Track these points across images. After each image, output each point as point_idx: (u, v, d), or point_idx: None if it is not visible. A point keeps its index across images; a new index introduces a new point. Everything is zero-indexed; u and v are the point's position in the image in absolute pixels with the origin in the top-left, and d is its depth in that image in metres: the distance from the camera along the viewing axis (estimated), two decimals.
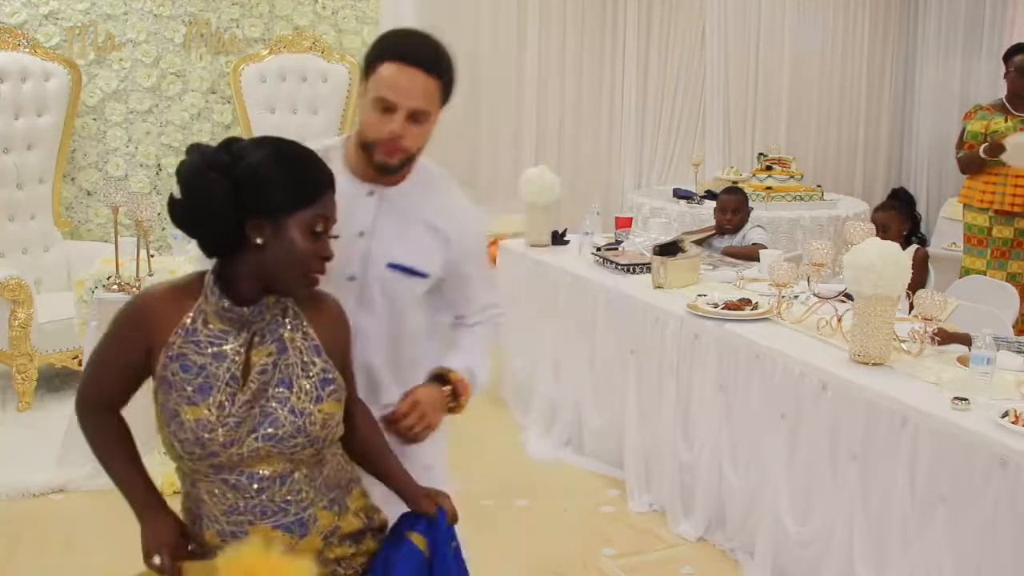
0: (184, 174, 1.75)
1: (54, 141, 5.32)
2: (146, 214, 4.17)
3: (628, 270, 4.37)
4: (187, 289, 1.80)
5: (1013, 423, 2.65)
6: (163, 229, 5.76)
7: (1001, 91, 5.52)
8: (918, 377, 3.07)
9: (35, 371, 4.79)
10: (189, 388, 1.73)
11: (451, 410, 2.11)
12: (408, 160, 2.06)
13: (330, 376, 1.81)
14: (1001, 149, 5.05)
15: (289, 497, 1.77)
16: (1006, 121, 5.16)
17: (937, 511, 2.74)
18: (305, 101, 5.81)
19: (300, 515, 1.78)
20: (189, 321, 1.77)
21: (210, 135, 5.80)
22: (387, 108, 1.99)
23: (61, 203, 5.50)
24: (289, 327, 1.81)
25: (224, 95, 5.84)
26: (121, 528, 3.71)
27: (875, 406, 2.96)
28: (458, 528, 2.02)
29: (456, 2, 6.77)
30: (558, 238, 5.00)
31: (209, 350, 1.75)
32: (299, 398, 1.77)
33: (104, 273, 4.23)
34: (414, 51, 2.04)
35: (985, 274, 5.09)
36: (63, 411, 4.55)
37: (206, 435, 1.71)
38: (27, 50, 5.22)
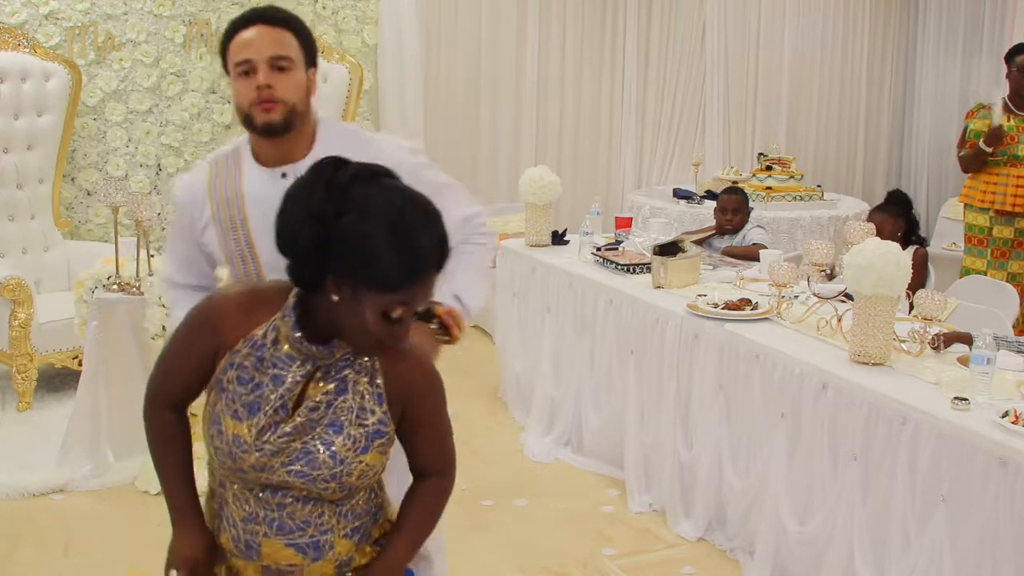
0: (285, 203, 1.64)
1: (54, 141, 5.32)
2: (146, 214, 4.17)
3: (628, 270, 4.37)
4: (267, 299, 1.74)
5: (1013, 423, 2.66)
6: (163, 229, 5.76)
7: (1002, 91, 5.52)
8: (918, 377, 3.07)
9: (35, 371, 4.79)
10: (238, 402, 1.69)
11: (446, 343, 2.05)
12: (292, 115, 2.02)
13: (385, 429, 1.73)
14: (1000, 134, 5.06)
15: (309, 519, 1.73)
16: (1008, 120, 5.17)
17: (937, 511, 2.74)
18: None
19: (317, 538, 1.74)
20: (260, 334, 1.71)
21: (210, 135, 5.80)
22: (247, 70, 2.00)
23: (61, 203, 5.50)
24: (356, 368, 1.73)
25: (224, 95, 5.84)
26: (121, 528, 3.73)
27: (875, 406, 2.96)
28: (458, 528, 2.00)
29: (456, 2, 6.77)
30: (558, 238, 5.00)
31: (271, 371, 1.70)
32: (345, 445, 1.70)
33: (104, 273, 4.23)
34: (251, 14, 2.05)
35: (986, 274, 5.09)
36: (63, 411, 4.55)
37: (240, 453, 1.68)
38: (27, 50, 5.22)
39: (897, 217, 4.39)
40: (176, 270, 2.28)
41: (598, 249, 4.67)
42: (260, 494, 1.72)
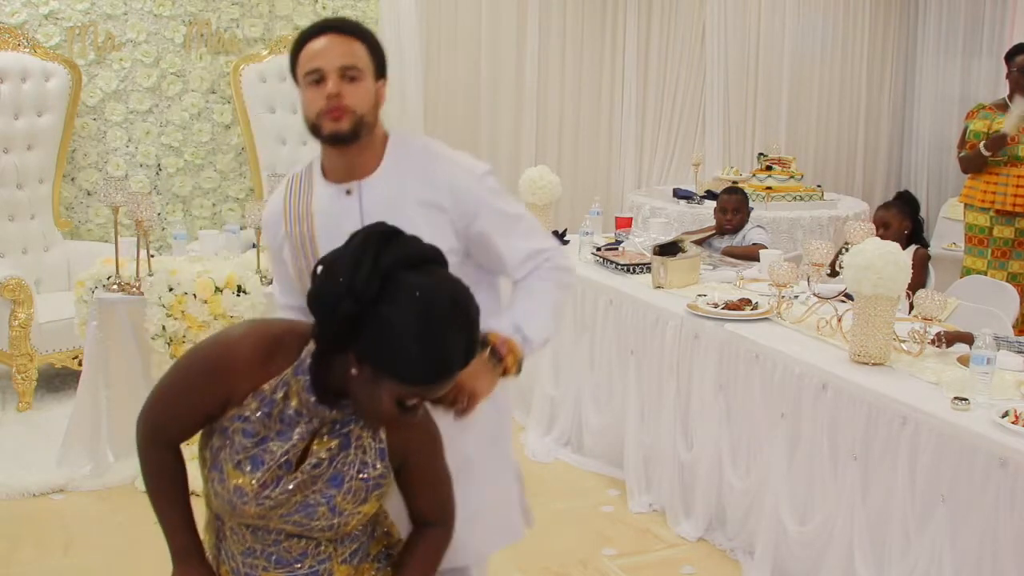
0: (331, 265, 1.61)
1: (54, 141, 5.32)
2: (146, 214, 4.16)
3: (628, 270, 4.37)
4: (279, 350, 1.71)
5: (1013, 423, 2.66)
6: (163, 229, 5.77)
7: (1002, 91, 5.52)
8: (918, 377, 3.07)
9: (35, 371, 4.79)
10: (242, 453, 1.68)
11: (503, 373, 1.96)
12: (360, 124, 1.98)
13: (383, 481, 1.75)
14: (1003, 143, 5.06)
15: (306, 551, 1.75)
16: None
17: (937, 511, 2.74)
18: None
19: (316, 568, 1.76)
20: (269, 389, 1.69)
21: (210, 135, 5.80)
22: (318, 79, 1.97)
23: (61, 203, 5.50)
24: (360, 424, 1.73)
25: (224, 95, 5.84)
26: (121, 528, 3.73)
27: (875, 406, 2.96)
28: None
29: (456, 2, 6.77)
30: (558, 238, 5.00)
31: (277, 426, 1.69)
32: (345, 499, 1.71)
33: (104, 273, 4.23)
34: (323, 24, 2.04)
35: (986, 274, 5.09)
36: (63, 411, 4.55)
37: (240, 503, 1.68)
38: (27, 50, 5.22)
39: (905, 216, 4.41)
40: (280, 290, 2.24)
41: (598, 249, 4.67)
42: (257, 531, 1.73)
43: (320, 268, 1.64)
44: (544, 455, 4.45)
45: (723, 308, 3.74)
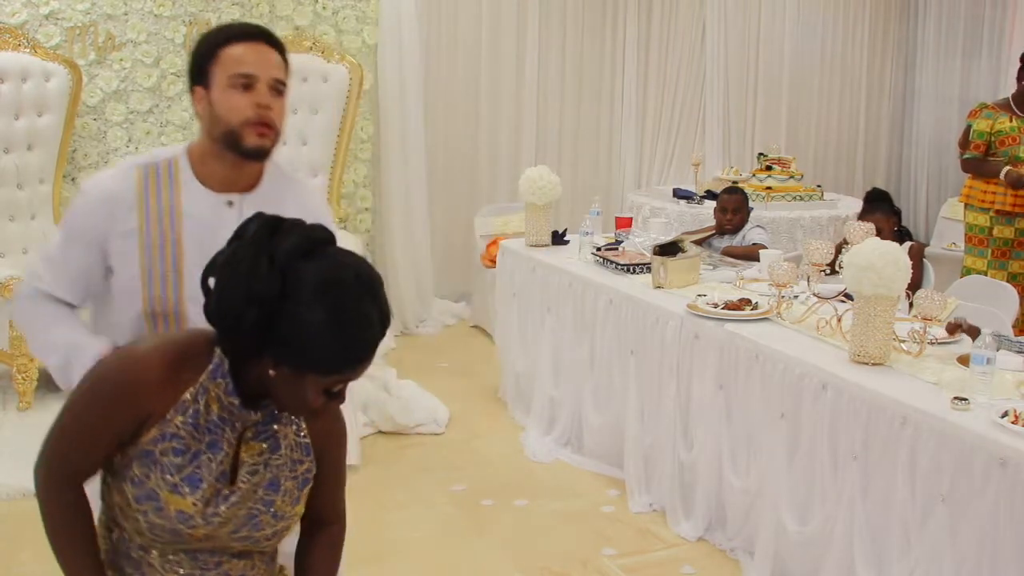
0: (224, 274, 1.53)
1: (54, 141, 5.32)
2: None
3: (628, 270, 4.37)
4: (187, 358, 1.61)
5: (1013, 423, 2.66)
6: None
7: (1002, 90, 5.52)
8: (918, 377, 3.07)
9: (35, 371, 4.79)
10: (177, 476, 1.58)
11: None
12: (276, 142, 1.96)
13: (309, 475, 1.71)
14: (1021, 184, 5.05)
15: (245, 572, 1.71)
16: (1011, 121, 5.16)
17: (937, 511, 2.74)
18: (305, 101, 5.81)
19: None
20: (190, 398, 1.59)
21: None
22: (247, 84, 1.90)
23: (61, 203, 5.50)
24: (282, 421, 1.68)
25: None
26: None
27: (875, 406, 2.96)
28: (458, 528, 2.00)
29: (456, 2, 6.77)
30: (558, 238, 5.00)
31: (206, 438, 1.60)
32: (283, 501, 1.67)
33: None
34: (251, 29, 1.98)
35: (986, 274, 5.09)
36: None
37: (186, 529, 1.60)
38: (27, 50, 5.21)
39: (890, 215, 4.49)
40: (55, 282, 2.04)
41: (598, 249, 4.67)
42: (198, 556, 1.65)
43: (212, 280, 1.56)
44: (544, 455, 4.45)
45: (723, 308, 3.74)
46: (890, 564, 2.90)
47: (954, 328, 3.32)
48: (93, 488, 1.70)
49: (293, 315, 1.48)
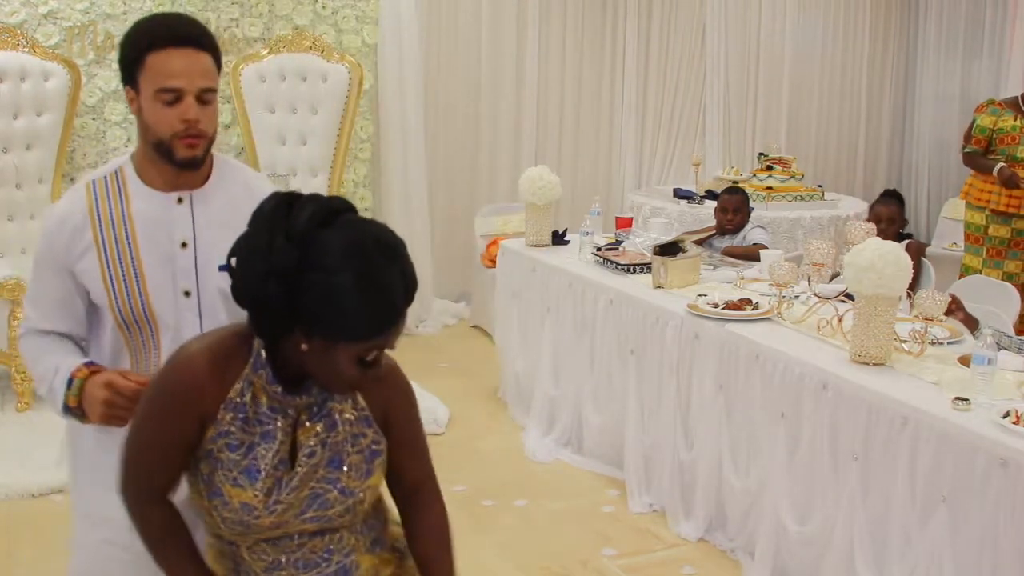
0: (241, 255, 1.56)
1: (53, 141, 5.31)
2: None
3: (628, 270, 4.37)
4: (229, 354, 1.65)
5: (1013, 423, 2.65)
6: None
7: (1003, 90, 5.52)
8: (918, 377, 3.06)
9: None
10: (235, 470, 1.62)
11: None
12: (210, 145, 1.98)
13: (378, 447, 1.71)
14: (1016, 185, 5.05)
15: (332, 547, 1.71)
16: (1015, 119, 5.16)
17: (937, 511, 2.74)
18: (305, 101, 5.81)
19: (342, 562, 1.72)
20: (236, 395, 1.63)
21: None
22: (173, 98, 1.91)
23: None
24: (336, 398, 1.68)
25: (224, 95, 5.83)
26: None
27: (875, 406, 2.96)
28: (458, 528, 2.00)
29: (456, 2, 6.77)
30: (558, 238, 5.00)
31: (258, 429, 1.64)
32: (349, 476, 1.67)
33: None
34: (178, 31, 1.96)
35: (980, 272, 5.10)
36: None
37: (251, 519, 1.63)
38: (26, 50, 5.21)
39: (901, 210, 4.55)
40: (42, 315, 2.08)
41: (598, 249, 4.67)
42: (277, 542, 1.69)
43: (233, 260, 1.58)
44: (544, 455, 4.45)
45: (723, 308, 3.74)
46: (890, 564, 2.90)
47: (952, 309, 3.30)
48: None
49: (318, 283, 1.49)
